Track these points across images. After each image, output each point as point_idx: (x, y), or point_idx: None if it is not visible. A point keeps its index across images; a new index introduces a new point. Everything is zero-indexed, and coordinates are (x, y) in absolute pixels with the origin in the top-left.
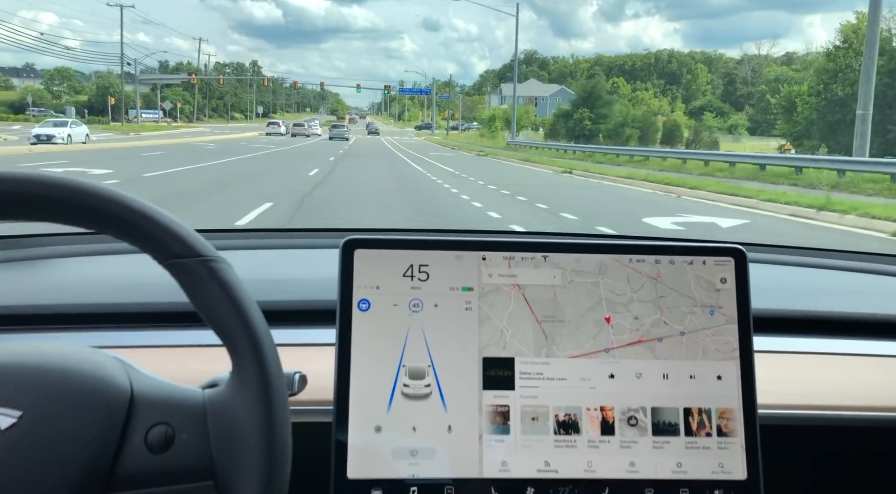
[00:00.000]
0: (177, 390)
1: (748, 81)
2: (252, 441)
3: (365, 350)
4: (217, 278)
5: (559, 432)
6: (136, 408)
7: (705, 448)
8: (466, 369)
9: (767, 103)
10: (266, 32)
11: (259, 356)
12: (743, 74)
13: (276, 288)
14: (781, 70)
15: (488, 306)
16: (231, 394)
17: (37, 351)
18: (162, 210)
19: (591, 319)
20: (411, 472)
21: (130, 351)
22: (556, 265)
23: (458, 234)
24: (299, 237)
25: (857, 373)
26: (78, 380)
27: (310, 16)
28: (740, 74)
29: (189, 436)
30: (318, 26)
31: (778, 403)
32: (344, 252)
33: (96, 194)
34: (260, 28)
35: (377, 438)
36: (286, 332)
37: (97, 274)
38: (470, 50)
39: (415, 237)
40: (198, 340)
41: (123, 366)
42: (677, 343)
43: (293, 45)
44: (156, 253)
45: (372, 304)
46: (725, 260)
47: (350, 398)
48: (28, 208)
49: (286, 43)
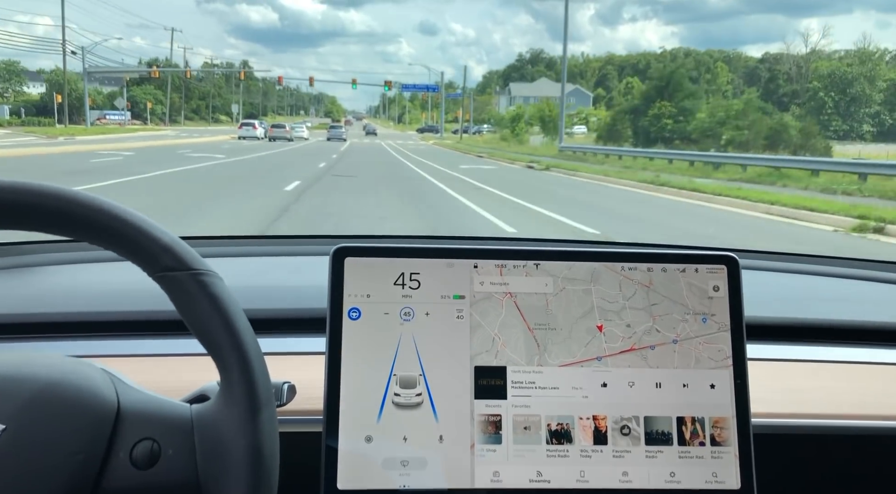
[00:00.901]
0: (164, 404)
1: (792, 77)
2: (238, 459)
3: (355, 359)
4: (207, 293)
5: (551, 441)
6: (122, 423)
7: (698, 457)
8: (458, 378)
9: (822, 102)
10: (262, 36)
11: (247, 372)
12: (786, 70)
13: (265, 296)
14: (833, 65)
15: (480, 314)
16: (218, 410)
17: (22, 361)
18: (152, 221)
19: (583, 326)
20: (402, 482)
21: (117, 360)
22: (547, 273)
23: (450, 241)
24: (289, 245)
25: (851, 381)
26: (64, 392)
27: (306, 19)
28: (782, 70)
29: (175, 452)
30: (315, 30)
31: (771, 411)
32: (334, 260)
33: (86, 204)
34: (256, 32)
35: (368, 448)
36: (276, 340)
37: (84, 282)
38: (467, 54)
39: (406, 245)
40: (185, 349)
41: (111, 378)
42: (669, 351)
43: (290, 49)
44: (146, 265)
45: (363, 312)
46: (718, 268)
47: (340, 408)
48: (16, 216)
49: (283, 47)
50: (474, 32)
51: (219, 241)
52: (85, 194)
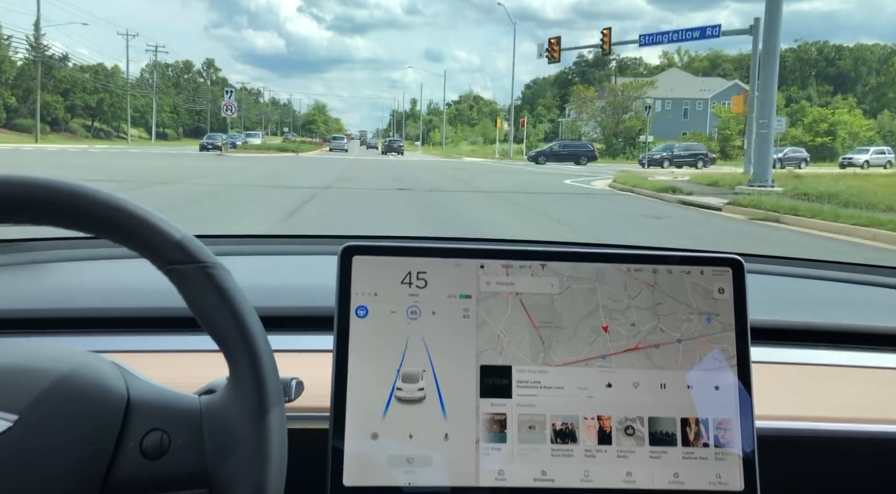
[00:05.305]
0: (173, 396)
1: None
2: (247, 450)
3: (362, 357)
4: (215, 285)
5: (556, 441)
6: (132, 414)
7: (702, 458)
8: (463, 377)
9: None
10: (269, 62)
11: (256, 364)
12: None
13: (274, 294)
14: None
15: (485, 312)
16: (227, 402)
17: (33, 354)
18: (161, 215)
19: (587, 325)
20: (407, 480)
21: (127, 356)
22: (553, 273)
23: (457, 242)
24: (298, 243)
25: (855, 385)
26: (74, 384)
27: (312, 46)
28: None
29: (184, 443)
30: (321, 56)
31: (775, 414)
32: (342, 258)
33: (95, 198)
34: (263, 58)
35: (374, 445)
36: (284, 338)
37: (95, 278)
38: (472, 80)
39: (413, 245)
40: (195, 345)
41: (120, 371)
42: (674, 351)
43: (296, 74)
44: (154, 258)
45: (370, 311)
46: (723, 270)
47: (347, 405)
48: (27, 211)
49: (289, 72)
50: (479, 59)
51: (228, 240)
52: (94, 188)
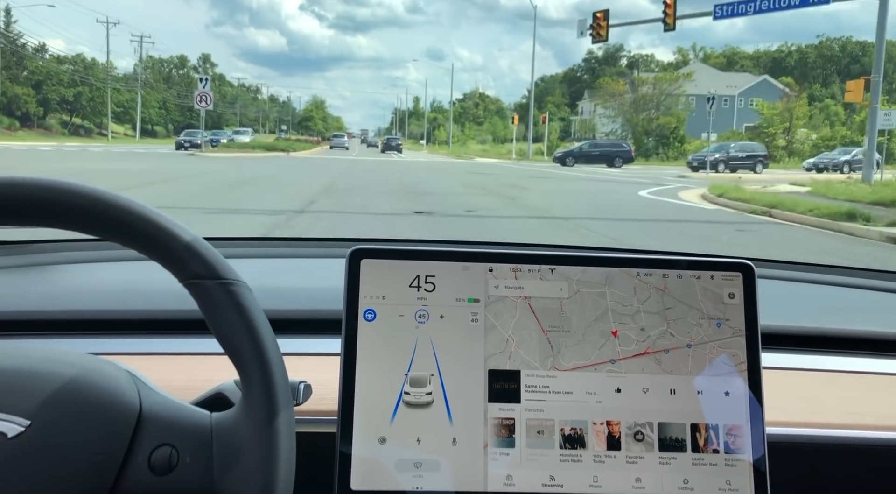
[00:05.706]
0: (185, 411)
1: None
2: (255, 471)
3: (370, 361)
4: (235, 303)
5: (565, 446)
6: (142, 427)
7: (712, 464)
8: (472, 381)
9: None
10: (271, 60)
11: (269, 385)
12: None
13: (282, 297)
14: None
15: (494, 315)
16: (238, 421)
17: (45, 357)
18: (185, 226)
19: (597, 329)
20: (415, 484)
21: (134, 358)
22: (562, 277)
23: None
24: (306, 246)
25: (866, 391)
26: (87, 391)
27: (314, 44)
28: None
29: (193, 461)
30: (323, 55)
31: (785, 420)
32: (350, 262)
33: (120, 206)
34: (265, 56)
35: (381, 449)
36: (292, 341)
37: (103, 280)
38: (475, 79)
39: (422, 248)
40: (202, 348)
41: (134, 381)
42: (684, 355)
43: (298, 73)
44: (176, 271)
45: (378, 314)
46: (734, 275)
47: (355, 408)
48: (50, 215)
49: (291, 71)
50: (481, 58)
51: (237, 243)
52: (117, 195)
